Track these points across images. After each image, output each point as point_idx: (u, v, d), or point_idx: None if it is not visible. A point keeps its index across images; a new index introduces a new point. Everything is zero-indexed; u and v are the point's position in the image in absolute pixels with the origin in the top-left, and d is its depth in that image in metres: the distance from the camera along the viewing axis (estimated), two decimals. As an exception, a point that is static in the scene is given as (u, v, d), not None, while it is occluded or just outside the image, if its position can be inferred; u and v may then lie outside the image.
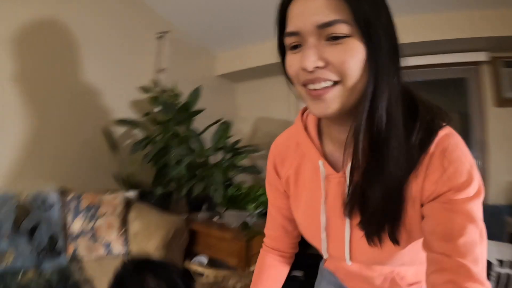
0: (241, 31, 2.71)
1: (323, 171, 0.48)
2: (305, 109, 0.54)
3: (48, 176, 1.84)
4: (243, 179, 2.47)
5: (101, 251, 1.69)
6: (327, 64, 0.38)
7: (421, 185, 0.40)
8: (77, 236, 1.66)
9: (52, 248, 1.59)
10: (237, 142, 2.26)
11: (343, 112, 0.40)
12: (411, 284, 0.55)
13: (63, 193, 1.76)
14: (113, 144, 2.16)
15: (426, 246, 0.39)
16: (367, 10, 0.37)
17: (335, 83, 0.38)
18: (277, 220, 0.64)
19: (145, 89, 2.30)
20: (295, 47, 0.41)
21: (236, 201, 2.20)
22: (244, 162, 2.26)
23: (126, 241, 1.77)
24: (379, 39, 0.37)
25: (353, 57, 0.37)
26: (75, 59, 2.00)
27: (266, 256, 0.66)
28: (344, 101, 0.39)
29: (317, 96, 0.39)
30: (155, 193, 2.08)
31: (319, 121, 0.51)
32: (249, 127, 3.26)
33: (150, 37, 2.45)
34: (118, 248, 1.73)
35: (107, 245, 1.71)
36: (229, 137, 2.27)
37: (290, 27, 0.40)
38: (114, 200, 1.88)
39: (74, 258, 1.62)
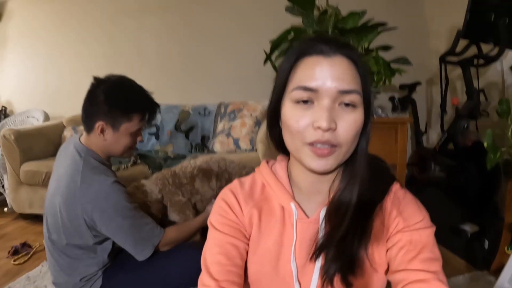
0: None
1: (295, 214, 0.47)
2: (268, 161, 0.54)
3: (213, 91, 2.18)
4: None
5: (231, 146, 1.73)
6: (336, 128, 0.39)
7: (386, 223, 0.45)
8: (218, 134, 1.83)
9: (204, 145, 1.87)
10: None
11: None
12: None
13: (220, 105, 2.01)
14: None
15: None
16: (368, 85, 0.42)
17: (333, 146, 0.40)
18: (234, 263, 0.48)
19: None
20: (305, 102, 0.40)
21: None
22: None
23: (253, 141, 1.68)
24: (371, 110, 0.43)
25: (357, 126, 0.40)
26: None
27: None
28: (340, 161, 0.42)
29: (322, 155, 0.40)
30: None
31: (288, 170, 0.51)
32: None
33: None
34: (244, 145, 1.68)
35: (236, 141, 1.72)
36: None
37: (308, 83, 0.39)
38: (257, 105, 1.86)
39: (212, 152, 1.79)
